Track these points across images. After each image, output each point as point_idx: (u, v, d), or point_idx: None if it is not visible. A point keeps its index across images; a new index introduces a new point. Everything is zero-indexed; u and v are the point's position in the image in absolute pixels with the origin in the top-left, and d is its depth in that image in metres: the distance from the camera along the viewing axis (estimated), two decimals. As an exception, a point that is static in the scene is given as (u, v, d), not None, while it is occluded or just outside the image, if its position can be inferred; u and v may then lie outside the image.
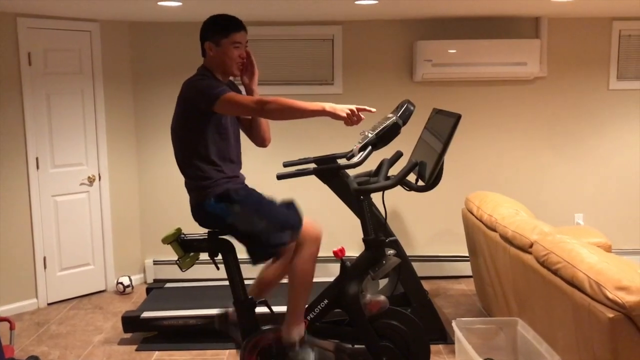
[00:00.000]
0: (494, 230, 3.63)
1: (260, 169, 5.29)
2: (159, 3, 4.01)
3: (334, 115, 2.57)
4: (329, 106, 2.57)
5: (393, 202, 5.14)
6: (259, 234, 2.73)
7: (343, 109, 2.57)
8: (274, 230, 2.74)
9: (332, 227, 4.65)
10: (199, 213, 2.85)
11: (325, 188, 3.40)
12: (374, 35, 5.07)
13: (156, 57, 5.06)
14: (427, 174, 2.82)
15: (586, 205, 5.27)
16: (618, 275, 2.39)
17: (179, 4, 4.04)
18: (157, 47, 5.05)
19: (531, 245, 3.12)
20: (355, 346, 2.98)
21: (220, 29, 2.77)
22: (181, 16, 4.70)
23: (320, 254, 2.90)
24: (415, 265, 4.03)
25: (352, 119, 2.58)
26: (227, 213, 2.76)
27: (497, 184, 5.09)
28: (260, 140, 3.04)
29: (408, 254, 4.11)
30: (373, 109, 2.67)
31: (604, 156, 5.23)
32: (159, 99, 5.11)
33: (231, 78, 2.94)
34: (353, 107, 2.58)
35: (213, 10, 4.75)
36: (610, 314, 2.32)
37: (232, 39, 2.76)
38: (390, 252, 2.91)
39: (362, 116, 2.60)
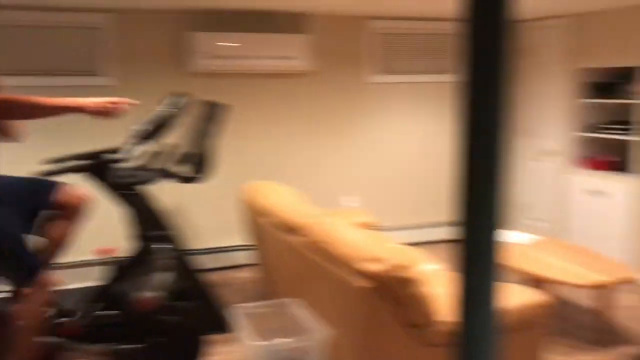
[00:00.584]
0: (269, 216, 3.78)
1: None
2: None
3: (87, 110, 2.38)
4: (77, 103, 2.34)
5: (173, 195, 5.06)
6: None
7: (96, 103, 2.41)
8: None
9: (100, 226, 4.42)
10: None
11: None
12: (148, 26, 4.93)
13: None
14: (196, 164, 2.83)
15: (357, 189, 5.75)
16: (369, 248, 2.65)
17: None
18: None
19: (299, 229, 3.31)
20: (133, 346, 2.89)
21: None
22: None
23: (85, 257, 2.75)
24: (199, 258, 4.02)
25: (107, 113, 2.43)
26: None
27: (272, 173, 5.29)
28: (7, 134, 2.65)
29: (192, 247, 4.08)
30: (136, 102, 2.59)
31: (370, 143, 5.75)
32: None
33: None
34: (104, 100, 2.43)
35: None
36: (360, 283, 2.56)
37: None
38: (164, 246, 2.87)
39: (121, 108, 2.49)
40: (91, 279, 3.33)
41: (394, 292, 2.55)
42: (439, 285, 2.73)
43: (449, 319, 2.59)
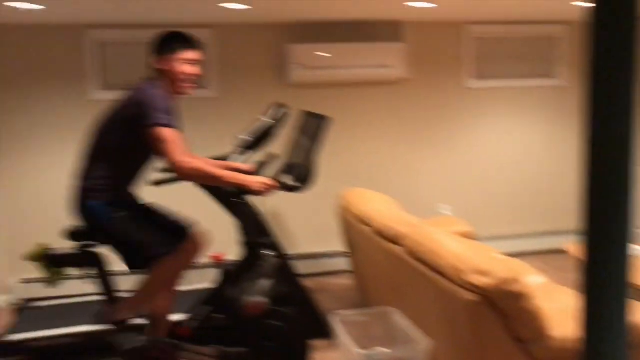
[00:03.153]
0: (367, 224, 3.80)
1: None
2: (6, 4, 3.75)
3: (251, 190, 2.71)
4: (246, 181, 2.71)
5: (272, 203, 5.19)
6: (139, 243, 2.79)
7: (259, 182, 2.72)
8: (154, 242, 2.80)
9: (210, 232, 4.61)
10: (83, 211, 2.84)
11: (198, 192, 3.37)
12: (247, 39, 5.11)
13: (15, 62, 4.75)
14: (300, 174, 2.90)
15: (451, 197, 5.65)
16: (476, 260, 2.60)
17: (42, 7, 3.82)
18: (17, 51, 4.74)
19: (400, 237, 3.30)
20: (239, 349, 3.00)
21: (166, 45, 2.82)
22: (42, 20, 4.44)
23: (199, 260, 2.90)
24: (296, 264, 4.11)
25: (267, 190, 2.74)
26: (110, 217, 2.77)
27: (370, 181, 5.31)
28: None
29: (289, 253, 4.18)
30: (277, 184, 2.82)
31: (466, 150, 5.64)
32: (18, 107, 4.79)
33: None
34: (265, 179, 2.77)
35: (81, 13, 4.53)
36: (469, 296, 2.52)
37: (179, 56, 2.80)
38: (269, 253, 2.96)
39: (274, 189, 2.76)
40: (204, 281, 3.50)
41: (502, 306, 2.49)
42: (547, 299, 2.63)
43: (560, 334, 2.50)
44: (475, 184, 5.68)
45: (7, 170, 4.84)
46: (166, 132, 2.63)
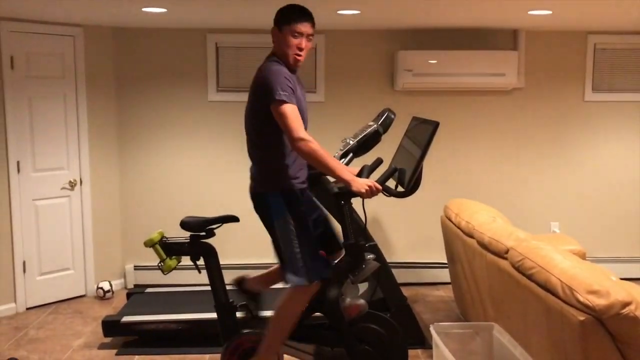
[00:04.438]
0: (471, 236, 3.71)
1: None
2: (144, 9, 4.04)
3: (356, 191, 2.69)
4: (353, 180, 2.70)
5: (374, 208, 5.20)
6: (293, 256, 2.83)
7: (363, 184, 2.70)
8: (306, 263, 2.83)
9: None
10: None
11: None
12: (356, 44, 5.15)
13: (139, 63, 5.09)
14: (406, 180, 2.88)
15: (563, 214, 5.39)
16: (589, 280, 2.47)
17: (164, 10, 4.08)
18: (141, 53, 5.08)
19: (507, 251, 3.19)
20: (335, 349, 3.02)
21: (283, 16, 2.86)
22: (165, 22, 4.73)
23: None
24: (394, 271, 4.10)
25: (370, 193, 2.71)
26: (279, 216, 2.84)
27: (475, 192, 5.18)
28: None
29: (388, 260, 4.17)
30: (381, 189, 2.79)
31: (580, 166, 5.36)
32: (141, 103, 5.13)
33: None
34: (370, 182, 2.73)
35: (198, 17, 4.81)
36: (582, 317, 2.39)
37: (292, 28, 2.83)
38: (370, 256, 2.96)
39: (379, 188, 2.73)
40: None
41: (615, 329, 2.35)
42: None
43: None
44: (588, 201, 5.38)
45: (128, 163, 5.19)
46: (286, 108, 2.67)
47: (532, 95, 5.25)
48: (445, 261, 4.61)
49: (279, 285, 3.12)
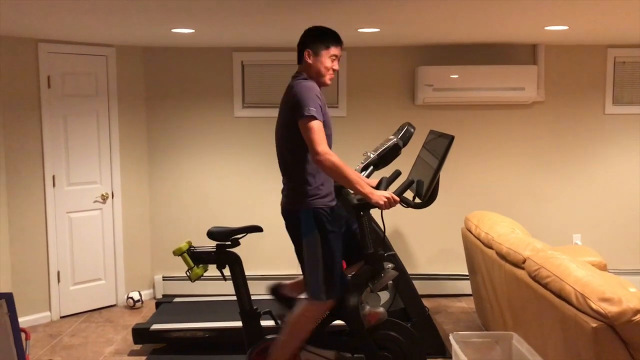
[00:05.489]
0: (490, 247, 3.78)
1: (258, 186, 5.47)
2: (173, 30, 4.24)
3: (375, 203, 2.83)
4: (371, 193, 2.83)
5: (394, 220, 5.29)
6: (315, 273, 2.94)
7: (381, 196, 2.84)
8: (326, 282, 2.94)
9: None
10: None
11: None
12: (377, 61, 5.28)
13: (168, 81, 5.29)
14: (423, 192, 2.98)
15: (584, 227, 5.40)
16: (602, 288, 2.53)
17: (192, 31, 4.27)
18: (170, 71, 5.28)
19: (524, 261, 3.26)
20: (355, 356, 3.11)
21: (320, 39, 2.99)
22: (193, 42, 4.92)
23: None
24: (416, 283, 4.17)
25: (388, 204, 2.84)
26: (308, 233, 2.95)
27: (496, 204, 5.23)
28: None
29: (410, 272, 4.25)
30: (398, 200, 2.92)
31: (601, 179, 5.38)
32: (171, 120, 5.32)
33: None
34: (388, 194, 2.86)
35: (224, 37, 4.99)
36: (594, 324, 2.45)
37: (330, 51, 2.98)
38: (389, 265, 3.06)
39: (397, 200, 2.87)
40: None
41: (628, 336, 2.40)
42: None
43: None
44: (610, 214, 5.39)
45: (158, 178, 5.38)
46: (313, 124, 2.79)
47: (552, 109, 5.31)
48: (467, 273, 4.67)
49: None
